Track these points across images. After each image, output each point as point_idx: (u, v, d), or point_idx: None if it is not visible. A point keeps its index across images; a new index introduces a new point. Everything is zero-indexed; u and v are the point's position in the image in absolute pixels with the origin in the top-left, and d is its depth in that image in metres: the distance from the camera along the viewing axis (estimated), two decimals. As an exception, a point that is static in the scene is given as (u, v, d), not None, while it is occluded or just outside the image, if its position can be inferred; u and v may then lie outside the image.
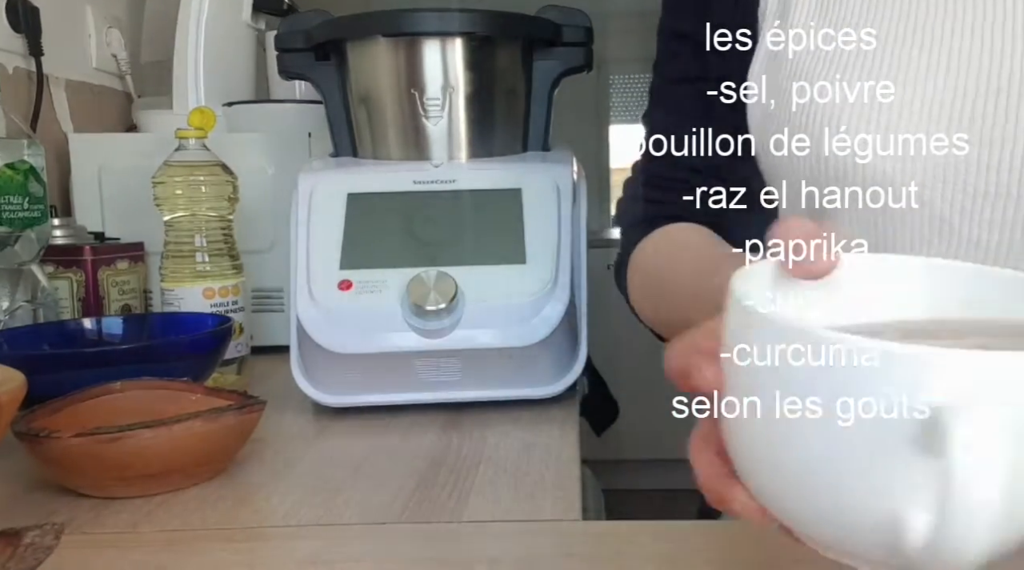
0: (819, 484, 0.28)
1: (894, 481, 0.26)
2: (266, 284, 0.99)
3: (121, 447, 0.51)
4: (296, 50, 0.85)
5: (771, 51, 0.53)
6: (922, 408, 0.24)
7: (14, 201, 0.78)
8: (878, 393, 0.25)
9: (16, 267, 0.80)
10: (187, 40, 1.10)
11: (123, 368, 0.64)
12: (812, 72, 0.51)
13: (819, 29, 0.50)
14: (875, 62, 0.47)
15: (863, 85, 0.45)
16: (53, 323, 0.81)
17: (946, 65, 0.47)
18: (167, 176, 0.82)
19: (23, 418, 0.54)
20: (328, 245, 0.76)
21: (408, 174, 0.80)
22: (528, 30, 0.83)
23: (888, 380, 0.25)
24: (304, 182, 0.79)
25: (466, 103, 0.82)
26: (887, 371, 0.25)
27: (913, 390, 0.24)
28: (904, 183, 0.44)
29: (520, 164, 0.82)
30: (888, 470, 0.26)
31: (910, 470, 0.25)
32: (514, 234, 0.76)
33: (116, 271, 0.94)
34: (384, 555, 0.44)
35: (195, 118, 0.83)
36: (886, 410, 0.25)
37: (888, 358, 0.25)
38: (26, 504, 0.54)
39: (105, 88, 1.26)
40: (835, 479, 0.27)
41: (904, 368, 0.25)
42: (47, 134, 1.08)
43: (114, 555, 0.46)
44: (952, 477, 0.24)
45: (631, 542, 0.45)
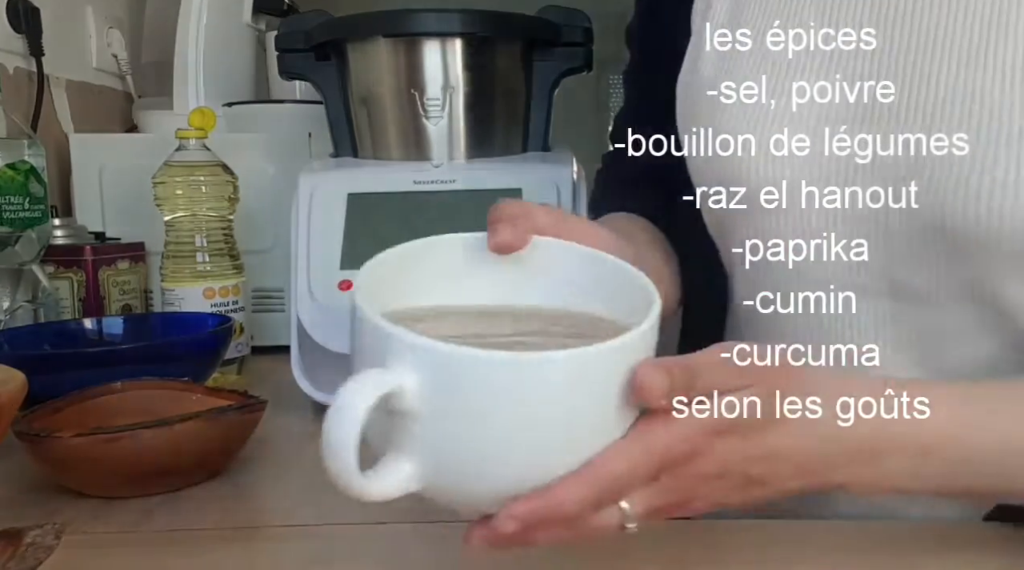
0: None
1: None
2: (266, 284, 0.99)
3: (121, 447, 0.51)
4: (296, 50, 0.85)
5: (734, 51, 0.54)
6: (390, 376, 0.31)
7: (15, 201, 0.78)
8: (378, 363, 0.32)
9: (17, 267, 0.80)
10: (187, 40, 1.10)
11: (123, 368, 0.64)
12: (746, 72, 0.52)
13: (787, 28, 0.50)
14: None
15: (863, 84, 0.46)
16: (54, 323, 0.81)
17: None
18: (167, 176, 0.82)
19: (24, 418, 0.54)
20: (328, 245, 0.76)
21: (408, 174, 0.80)
22: (528, 30, 0.83)
23: (386, 349, 0.32)
24: (304, 182, 0.79)
25: (466, 103, 0.82)
26: (381, 344, 0.32)
27: (385, 359, 0.32)
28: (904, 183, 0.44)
29: (520, 164, 0.83)
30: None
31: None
32: (514, 234, 0.76)
33: (117, 271, 0.94)
34: (384, 555, 0.44)
35: (195, 118, 0.84)
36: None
37: (377, 333, 0.32)
38: (27, 504, 0.54)
39: (106, 88, 1.26)
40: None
41: (383, 342, 0.32)
42: (48, 134, 1.08)
43: (114, 555, 0.46)
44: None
45: (631, 542, 0.45)
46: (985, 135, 0.43)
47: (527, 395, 0.32)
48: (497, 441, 0.32)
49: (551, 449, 0.33)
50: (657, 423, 0.34)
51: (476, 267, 0.40)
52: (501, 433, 0.32)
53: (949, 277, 0.47)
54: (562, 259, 0.40)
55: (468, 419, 0.32)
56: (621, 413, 0.33)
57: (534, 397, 0.32)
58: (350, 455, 0.31)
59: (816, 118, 0.49)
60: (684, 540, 0.46)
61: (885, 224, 0.47)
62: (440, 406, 0.32)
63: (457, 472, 0.34)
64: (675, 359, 0.34)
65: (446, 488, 0.34)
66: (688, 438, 0.35)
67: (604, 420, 0.33)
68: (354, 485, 0.32)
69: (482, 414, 0.32)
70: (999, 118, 0.43)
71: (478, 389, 0.31)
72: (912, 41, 0.47)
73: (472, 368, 0.31)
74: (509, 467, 0.33)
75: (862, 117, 0.48)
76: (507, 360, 0.31)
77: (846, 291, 0.49)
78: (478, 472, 0.33)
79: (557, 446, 0.33)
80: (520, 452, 0.33)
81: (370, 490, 0.33)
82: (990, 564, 0.43)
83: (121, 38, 1.28)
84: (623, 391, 0.33)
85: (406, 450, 0.33)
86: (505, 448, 0.33)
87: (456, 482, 0.34)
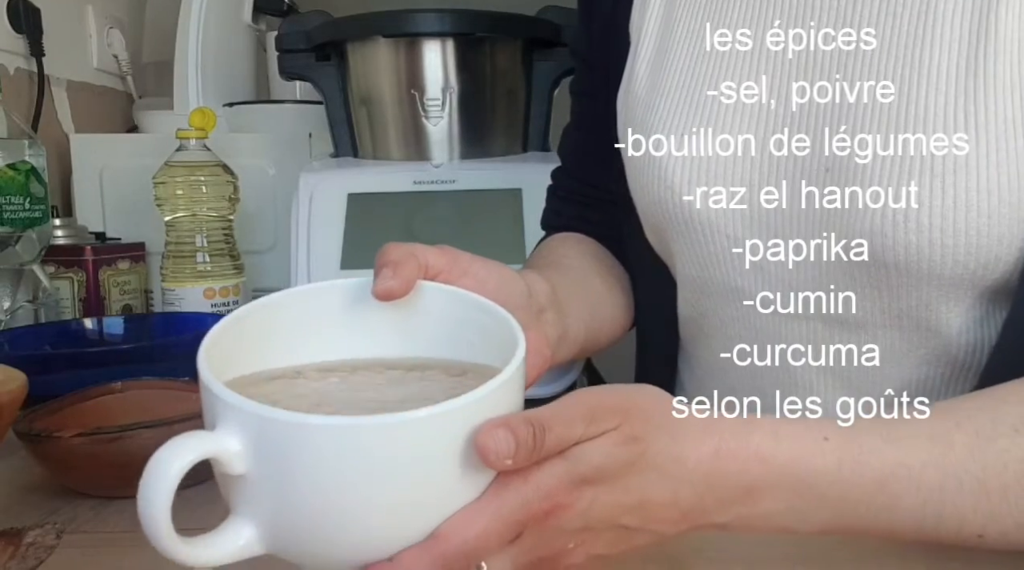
0: None
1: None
2: (267, 284, 0.99)
3: (122, 447, 0.51)
4: (297, 51, 0.85)
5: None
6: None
7: (15, 201, 0.78)
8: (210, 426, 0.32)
9: (17, 267, 0.80)
10: (188, 41, 1.10)
11: (124, 368, 0.64)
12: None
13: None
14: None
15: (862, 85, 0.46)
16: (54, 323, 0.81)
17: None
18: (168, 176, 0.82)
19: (24, 418, 0.54)
20: (328, 245, 0.76)
21: (408, 174, 0.80)
22: (528, 30, 0.83)
23: (216, 413, 0.32)
24: (305, 182, 0.79)
25: (466, 103, 0.82)
26: (212, 406, 0.32)
27: (216, 422, 0.32)
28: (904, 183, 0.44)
29: (520, 164, 0.83)
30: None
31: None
32: (514, 234, 0.76)
33: (117, 271, 0.94)
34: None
35: (196, 118, 0.84)
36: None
37: (208, 396, 0.32)
38: (27, 504, 0.54)
39: (106, 88, 1.26)
40: None
41: (213, 405, 0.32)
42: (48, 135, 1.08)
43: (114, 555, 0.46)
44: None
45: (630, 542, 0.45)
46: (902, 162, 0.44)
47: (352, 461, 0.30)
48: (329, 507, 0.31)
49: (391, 514, 0.31)
50: (514, 478, 0.32)
51: (357, 315, 0.39)
52: (333, 499, 0.31)
53: (879, 304, 0.48)
54: (446, 305, 0.39)
55: (295, 484, 0.31)
56: (472, 474, 0.32)
57: (361, 463, 0.30)
58: (161, 519, 0.30)
59: (742, 119, 0.50)
60: (684, 540, 0.46)
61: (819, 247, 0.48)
62: (266, 471, 0.31)
63: (296, 537, 0.32)
64: (523, 415, 0.32)
65: (292, 552, 0.33)
66: (548, 494, 0.32)
67: (450, 482, 0.31)
68: (170, 549, 0.31)
69: (309, 479, 0.30)
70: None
71: (300, 454, 0.30)
72: (834, 50, 0.47)
73: (291, 432, 0.30)
74: (347, 533, 0.32)
75: (798, 121, 0.48)
76: (327, 425, 0.30)
77: (784, 305, 0.49)
78: (317, 537, 0.32)
79: (397, 511, 0.31)
80: (355, 518, 0.31)
81: (197, 555, 0.32)
82: (990, 563, 0.43)
83: (122, 38, 1.28)
84: (469, 452, 0.31)
85: (246, 514, 0.33)
86: (339, 514, 0.31)
87: (299, 546, 0.33)
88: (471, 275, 0.42)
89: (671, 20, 0.56)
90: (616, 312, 0.63)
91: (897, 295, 0.47)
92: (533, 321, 0.47)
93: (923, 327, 0.48)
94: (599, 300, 0.61)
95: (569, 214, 0.68)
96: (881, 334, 0.49)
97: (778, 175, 0.49)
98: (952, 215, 0.43)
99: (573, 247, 0.65)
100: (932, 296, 0.46)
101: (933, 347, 0.48)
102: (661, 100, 0.54)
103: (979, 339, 0.48)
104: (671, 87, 0.54)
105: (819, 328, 0.51)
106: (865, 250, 0.46)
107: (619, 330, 0.64)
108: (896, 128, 0.45)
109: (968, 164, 0.43)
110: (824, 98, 0.47)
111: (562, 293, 0.54)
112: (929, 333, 0.48)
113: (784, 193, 0.48)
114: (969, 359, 0.48)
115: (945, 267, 0.44)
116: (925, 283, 0.46)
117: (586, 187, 0.68)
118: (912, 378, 0.50)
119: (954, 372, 0.49)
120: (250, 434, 0.31)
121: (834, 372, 0.51)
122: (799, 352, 0.50)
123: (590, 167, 0.67)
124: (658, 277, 0.60)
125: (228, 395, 0.31)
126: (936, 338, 0.48)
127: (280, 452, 0.30)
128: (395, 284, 0.37)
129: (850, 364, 0.49)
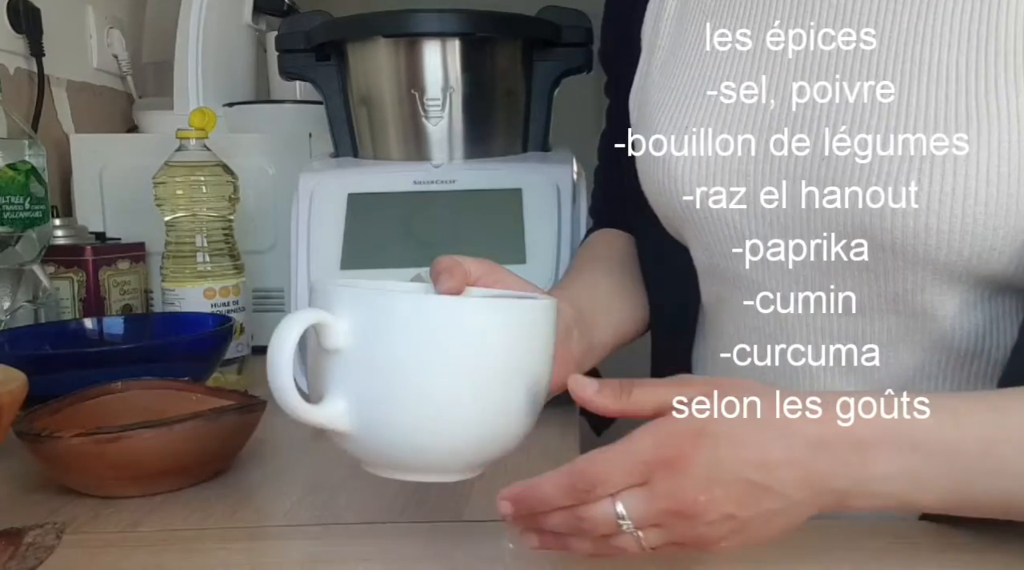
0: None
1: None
2: (267, 284, 0.99)
3: (121, 447, 0.51)
4: (297, 51, 0.85)
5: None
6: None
7: (15, 201, 0.78)
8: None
9: (17, 267, 0.80)
10: (188, 41, 1.10)
11: (124, 368, 0.64)
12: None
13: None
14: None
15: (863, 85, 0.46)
16: (54, 323, 0.81)
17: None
18: (168, 176, 0.82)
19: (24, 418, 0.54)
20: (329, 245, 0.76)
21: (408, 174, 0.80)
22: (528, 31, 0.83)
23: (328, 303, 0.38)
24: (305, 182, 0.79)
25: (466, 104, 0.82)
26: (326, 300, 0.38)
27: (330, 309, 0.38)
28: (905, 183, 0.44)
29: (520, 164, 0.83)
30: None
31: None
32: (514, 234, 0.76)
33: (117, 271, 0.94)
34: (384, 555, 0.45)
35: (196, 118, 0.84)
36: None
37: (323, 292, 0.39)
38: (27, 504, 0.54)
39: (106, 88, 1.26)
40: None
41: (326, 298, 0.38)
42: (48, 135, 1.08)
43: (114, 555, 0.46)
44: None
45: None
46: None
47: (441, 336, 0.37)
48: (414, 378, 0.37)
49: (462, 390, 0.37)
50: (644, 429, 0.37)
51: None
52: (418, 372, 0.37)
53: (875, 288, 0.48)
54: (489, 297, 0.47)
55: (389, 355, 0.37)
56: (545, 372, 0.40)
57: (450, 339, 0.37)
58: (286, 374, 0.36)
59: (742, 119, 0.50)
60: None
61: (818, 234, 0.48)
62: (364, 343, 0.37)
63: (383, 413, 0.38)
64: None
65: (375, 431, 0.38)
66: (671, 440, 0.36)
67: (531, 368, 0.39)
68: (291, 403, 0.37)
69: (402, 351, 0.36)
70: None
71: (398, 327, 0.36)
72: (834, 49, 0.48)
73: (392, 307, 0.37)
74: (423, 407, 0.37)
75: (798, 121, 0.49)
76: (426, 301, 0.38)
77: (784, 305, 0.50)
78: (403, 416, 0.37)
79: (468, 388, 0.38)
80: (434, 391, 0.37)
81: (307, 413, 0.37)
82: (990, 563, 0.43)
83: (122, 38, 1.28)
84: (531, 345, 0.39)
85: (340, 389, 0.38)
86: (422, 387, 0.37)
87: (383, 426, 0.38)
88: (504, 284, 0.49)
89: (683, 23, 0.56)
90: (631, 316, 0.66)
91: (893, 278, 0.47)
92: (561, 339, 0.50)
93: (918, 312, 0.48)
94: (627, 302, 0.65)
95: (608, 212, 0.73)
96: (879, 319, 0.49)
97: (778, 175, 0.49)
98: (950, 202, 0.43)
99: (610, 247, 0.70)
100: (927, 280, 0.47)
101: (929, 332, 0.49)
102: (667, 100, 0.55)
103: (975, 326, 0.48)
104: (676, 87, 0.54)
105: (819, 323, 0.51)
106: (865, 250, 0.46)
107: (628, 337, 0.67)
108: (896, 128, 0.45)
109: (968, 161, 0.43)
110: (824, 98, 0.47)
111: (590, 308, 0.59)
112: (925, 318, 0.48)
113: (784, 193, 0.49)
114: (966, 346, 0.49)
115: (940, 253, 0.45)
116: (920, 267, 0.46)
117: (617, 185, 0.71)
118: (910, 365, 0.50)
119: (951, 359, 0.49)
120: (358, 310, 0.37)
121: (837, 367, 0.51)
122: (799, 352, 0.50)
123: (614, 164, 0.71)
124: (672, 274, 0.62)
125: (336, 284, 0.38)
126: (932, 323, 0.48)
127: (381, 324, 0.37)
128: (453, 284, 0.45)
129: (850, 364, 0.49)
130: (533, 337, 0.40)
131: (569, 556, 0.44)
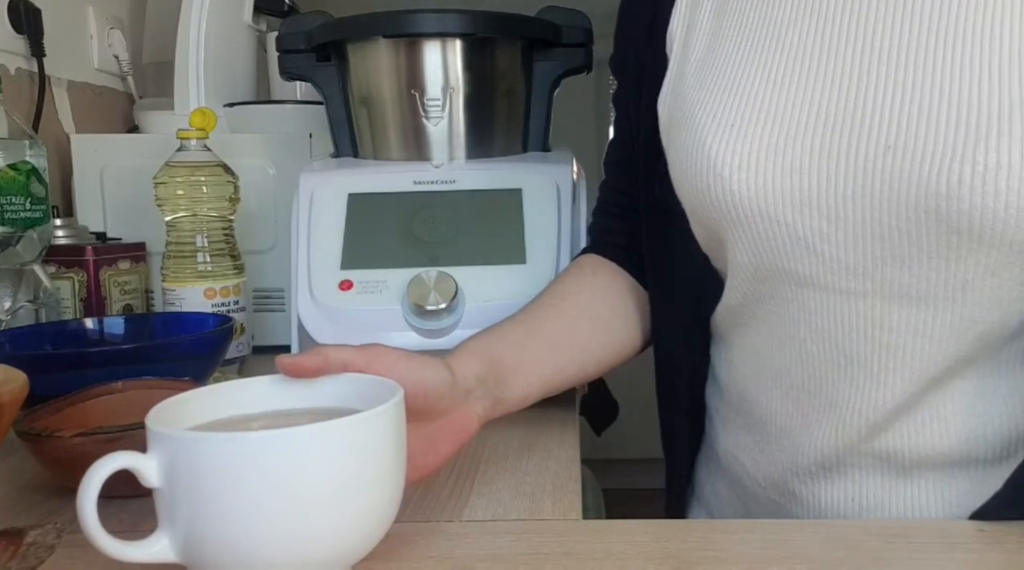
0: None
1: None
2: (267, 284, 0.99)
3: (122, 447, 0.51)
4: (297, 51, 0.85)
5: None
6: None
7: (16, 201, 0.78)
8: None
9: (18, 267, 0.80)
10: (188, 41, 1.10)
11: (125, 368, 0.64)
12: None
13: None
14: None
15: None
16: (55, 323, 0.81)
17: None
18: (168, 176, 0.82)
19: (25, 418, 0.54)
20: (329, 245, 0.76)
21: (408, 174, 0.80)
22: (528, 31, 0.83)
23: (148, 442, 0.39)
24: (305, 182, 0.79)
25: (466, 104, 0.82)
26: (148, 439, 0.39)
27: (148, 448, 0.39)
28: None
29: (520, 164, 0.83)
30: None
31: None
32: (514, 234, 0.76)
33: (118, 271, 0.94)
34: (384, 555, 0.45)
35: (196, 119, 0.84)
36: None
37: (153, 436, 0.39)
38: (28, 503, 0.54)
39: (107, 89, 1.26)
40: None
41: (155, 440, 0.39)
42: (49, 135, 1.09)
43: (115, 554, 0.46)
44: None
45: (631, 541, 0.46)
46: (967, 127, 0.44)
47: (234, 470, 0.37)
48: (225, 515, 0.37)
49: (278, 520, 0.37)
50: None
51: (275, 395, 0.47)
52: (228, 508, 0.37)
53: (944, 275, 0.47)
54: (346, 380, 0.47)
55: (196, 494, 0.37)
56: (345, 484, 0.38)
57: (241, 472, 0.36)
58: (91, 517, 0.37)
59: (794, 106, 0.50)
60: (684, 540, 0.46)
61: (879, 221, 0.48)
62: (173, 483, 0.38)
63: (199, 546, 0.38)
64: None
65: (199, 563, 0.39)
66: None
67: (321, 492, 0.38)
68: (101, 544, 0.38)
69: (209, 489, 0.37)
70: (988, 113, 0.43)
71: (196, 466, 0.37)
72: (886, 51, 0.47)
73: (196, 447, 0.37)
74: (239, 542, 0.37)
75: (853, 107, 0.48)
76: (224, 439, 0.37)
77: (841, 286, 0.50)
78: (214, 544, 0.38)
79: (284, 519, 0.37)
80: (248, 526, 0.37)
81: (122, 552, 0.38)
82: (989, 563, 0.43)
83: (122, 39, 1.28)
84: (359, 459, 0.39)
85: (164, 524, 0.39)
86: (232, 523, 0.37)
87: (200, 554, 0.38)
88: (394, 371, 0.47)
89: (722, 19, 0.55)
90: (622, 337, 0.66)
91: (965, 264, 0.46)
92: (459, 402, 0.52)
93: (986, 297, 0.47)
94: (576, 347, 0.64)
95: (620, 230, 0.71)
96: (942, 308, 0.48)
97: (836, 165, 0.48)
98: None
99: (582, 283, 0.68)
100: (1001, 263, 0.46)
101: (991, 321, 0.48)
102: (709, 95, 0.54)
103: (1020, 311, 0.47)
104: (719, 83, 0.53)
105: (878, 307, 0.50)
106: (934, 234, 0.45)
107: (628, 352, 0.67)
108: (963, 108, 0.44)
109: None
110: (884, 84, 0.47)
111: (513, 360, 0.58)
112: (991, 305, 0.47)
113: (843, 183, 0.48)
114: (1008, 332, 0.48)
115: (1019, 231, 0.44)
116: (996, 249, 0.45)
117: (626, 198, 0.70)
118: (963, 355, 0.49)
119: (1004, 345, 0.49)
120: (163, 451, 0.38)
121: (889, 351, 0.50)
122: (854, 335, 0.50)
123: (627, 176, 0.69)
124: (686, 281, 0.61)
125: (152, 425, 0.39)
126: (997, 309, 0.47)
127: (181, 465, 0.37)
128: (300, 361, 0.46)
129: (907, 347, 0.49)
130: (359, 452, 0.39)
131: (569, 555, 0.44)
